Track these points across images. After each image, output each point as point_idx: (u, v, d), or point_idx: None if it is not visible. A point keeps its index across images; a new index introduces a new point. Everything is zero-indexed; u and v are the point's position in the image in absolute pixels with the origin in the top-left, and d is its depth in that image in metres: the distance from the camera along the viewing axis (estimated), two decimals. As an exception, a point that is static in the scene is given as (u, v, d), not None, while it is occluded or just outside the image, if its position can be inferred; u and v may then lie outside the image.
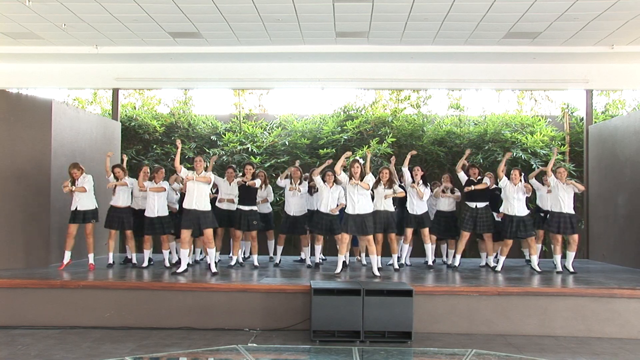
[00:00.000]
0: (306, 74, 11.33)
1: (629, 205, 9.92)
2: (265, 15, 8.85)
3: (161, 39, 10.04)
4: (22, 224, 8.82)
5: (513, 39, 9.79)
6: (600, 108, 12.93)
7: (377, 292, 6.62)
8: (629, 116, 10.70)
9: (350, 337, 6.51)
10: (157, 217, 8.76)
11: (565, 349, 6.42)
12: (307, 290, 7.02)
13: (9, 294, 7.31)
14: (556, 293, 7.19)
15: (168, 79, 11.44)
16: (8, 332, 6.81)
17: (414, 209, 8.93)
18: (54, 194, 9.08)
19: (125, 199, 8.88)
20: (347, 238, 8.29)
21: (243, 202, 8.93)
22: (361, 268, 9.04)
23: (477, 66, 11.13)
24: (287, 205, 9.32)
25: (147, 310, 7.19)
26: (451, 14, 8.67)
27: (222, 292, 7.25)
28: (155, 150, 12.12)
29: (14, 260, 8.67)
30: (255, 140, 12.02)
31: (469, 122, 12.25)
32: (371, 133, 11.96)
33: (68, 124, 9.61)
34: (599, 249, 10.89)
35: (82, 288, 7.33)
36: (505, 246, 8.78)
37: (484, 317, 7.08)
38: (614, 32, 9.37)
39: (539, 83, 11.44)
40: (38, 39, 10.02)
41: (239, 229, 8.92)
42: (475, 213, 8.85)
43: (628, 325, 6.97)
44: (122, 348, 6.17)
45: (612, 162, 10.50)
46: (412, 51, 10.38)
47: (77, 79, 11.63)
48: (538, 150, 11.32)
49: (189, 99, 12.93)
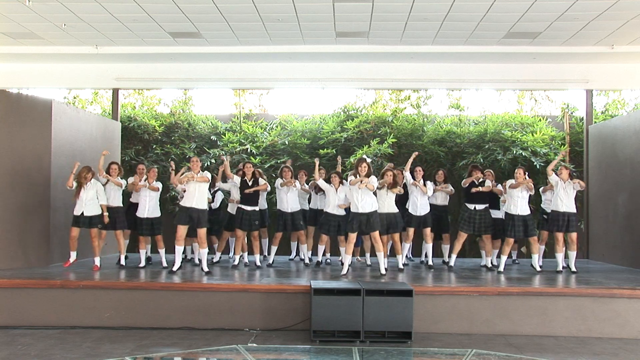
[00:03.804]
0: (306, 74, 11.33)
1: (629, 205, 9.91)
2: (265, 15, 8.85)
3: (161, 39, 10.03)
4: (22, 223, 8.82)
5: (513, 39, 9.78)
6: (600, 108, 12.94)
7: (377, 292, 6.62)
8: (629, 116, 10.70)
9: (350, 337, 6.51)
10: (147, 218, 8.78)
11: (565, 349, 6.43)
12: (307, 290, 7.03)
13: (9, 294, 7.31)
14: (556, 293, 7.19)
15: (168, 79, 11.44)
16: (8, 332, 6.81)
17: (417, 210, 8.95)
18: (54, 194, 9.09)
19: (117, 198, 8.83)
20: (353, 237, 8.29)
21: (245, 202, 8.94)
22: (365, 268, 9.03)
23: (477, 66, 11.12)
24: (281, 203, 9.29)
25: (147, 310, 7.19)
26: (451, 14, 8.67)
27: (222, 292, 7.25)
28: (155, 151, 12.12)
29: (14, 260, 8.67)
30: (255, 140, 12.01)
31: (469, 122, 12.26)
32: (371, 133, 11.96)
33: (68, 124, 9.61)
34: (599, 249, 10.89)
35: (82, 288, 7.33)
36: (506, 245, 8.78)
37: (484, 317, 7.08)
38: (614, 32, 9.36)
39: (539, 83, 11.44)
40: (38, 39, 10.02)
41: (240, 228, 8.93)
42: (474, 215, 8.88)
43: (628, 325, 6.97)
44: (122, 348, 6.17)
45: (612, 162, 10.50)
46: (412, 51, 10.38)
47: (77, 79, 11.62)
48: (538, 149, 11.32)
49: (189, 99, 12.93)
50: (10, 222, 8.73)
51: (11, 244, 8.72)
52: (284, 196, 9.24)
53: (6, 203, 8.71)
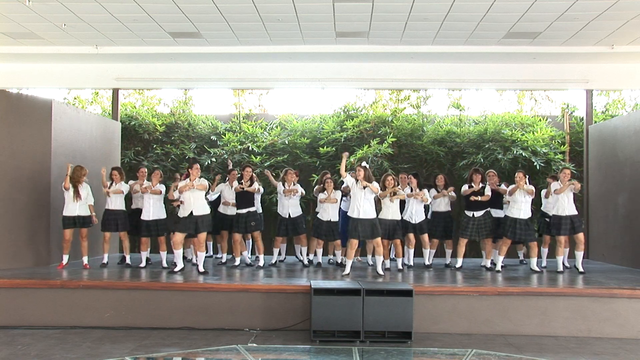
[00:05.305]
0: (306, 74, 11.32)
1: (629, 205, 9.91)
2: (265, 15, 8.85)
3: (161, 39, 10.03)
4: (22, 223, 8.83)
5: (513, 39, 9.78)
6: (600, 108, 12.94)
7: (377, 292, 6.62)
8: (629, 116, 10.70)
9: (350, 337, 6.51)
10: (153, 220, 8.84)
11: (565, 349, 6.43)
12: (307, 290, 7.02)
13: (9, 294, 7.31)
14: (556, 293, 7.18)
15: (168, 79, 11.43)
16: (8, 332, 6.81)
17: (413, 218, 9.05)
18: (54, 194, 9.08)
19: (119, 202, 8.96)
20: (355, 244, 8.30)
21: (240, 205, 8.97)
22: (367, 268, 9.03)
23: (477, 66, 11.12)
24: (282, 208, 9.29)
25: (147, 310, 7.19)
26: (451, 14, 8.67)
27: (222, 292, 7.25)
28: (155, 151, 12.11)
29: (14, 260, 8.67)
30: (255, 140, 12.01)
31: (469, 122, 12.25)
32: (371, 133, 11.96)
33: (68, 124, 9.61)
34: (599, 249, 10.89)
35: (82, 288, 7.33)
36: (504, 245, 8.80)
37: (484, 317, 7.08)
38: (614, 32, 9.36)
39: (539, 83, 11.44)
40: (38, 39, 10.02)
41: (237, 232, 8.95)
42: (473, 221, 8.91)
43: (628, 325, 6.97)
44: (122, 348, 6.17)
45: (612, 162, 10.50)
46: (412, 51, 10.38)
47: (77, 79, 11.62)
48: (538, 149, 11.32)
49: (189, 98, 12.92)
50: (10, 222, 8.73)
51: (11, 244, 8.72)
52: (285, 202, 9.24)
53: (6, 203, 8.71)
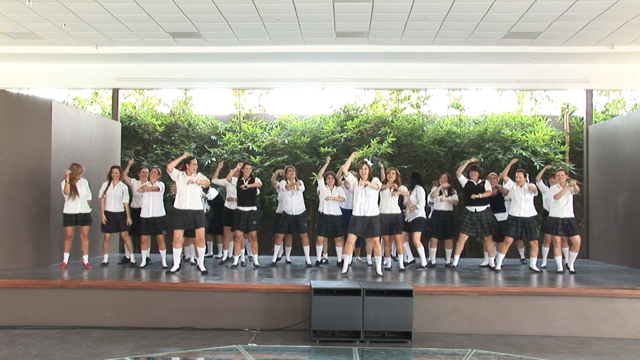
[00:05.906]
0: (306, 74, 11.32)
1: (629, 205, 9.91)
2: (265, 15, 8.84)
3: (161, 39, 10.03)
4: (22, 223, 8.83)
5: (513, 39, 9.78)
6: (600, 108, 12.94)
7: (377, 292, 6.62)
8: (629, 116, 10.69)
9: (350, 337, 6.51)
10: (152, 217, 8.85)
11: (565, 349, 6.43)
12: (307, 290, 7.02)
13: (9, 294, 7.31)
14: (556, 293, 7.19)
15: (168, 79, 11.43)
16: (8, 332, 6.81)
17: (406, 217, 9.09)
18: (54, 194, 9.08)
19: (117, 204, 8.96)
20: (354, 239, 8.29)
21: (242, 203, 8.96)
22: (367, 268, 9.03)
23: (477, 66, 11.12)
24: (285, 205, 9.28)
25: (147, 310, 7.19)
26: (451, 14, 8.67)
27: (222, 292, 7.25)
28: (155, 151, 12.11)
29: (14, 260, 8.67)
30: (255, 140, 12.01)
31: (469, 122, 12.25)
32: (371, 133, 11.96)
33: (68, 124, 9.61)
34: (599, 249, 10.89)
35: (82, 288, 7.33)
36: (505, 244, 8.79)
37: (484, 317, 7.08)
38: (614, 32, 9.36)
39: (539, 83, 11.43)
40: (38, 39, 10.02)
41: (238, 229, 8.94)
42: (475, 217, 8.89)
43: (628, 325, 6.97)
44: (122, 348, 6.17)
45: (612, 162, 10.50)
46: (412, 51, 10.38)
47: (77, 79, 11.61)
48: (538, 149, 11.32)
49: (189, 98, 12.92)
50: (10, 222, 8.73)
51: (11, 244, 8.71)
52: (289, 198, 9.22)
53: (6, 203, 8.71)
